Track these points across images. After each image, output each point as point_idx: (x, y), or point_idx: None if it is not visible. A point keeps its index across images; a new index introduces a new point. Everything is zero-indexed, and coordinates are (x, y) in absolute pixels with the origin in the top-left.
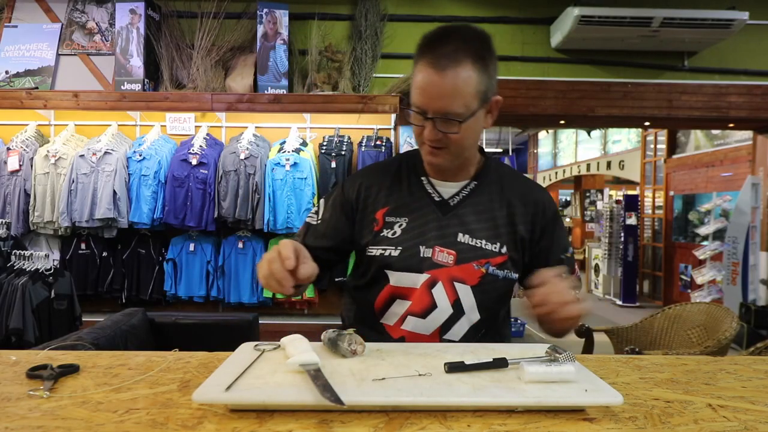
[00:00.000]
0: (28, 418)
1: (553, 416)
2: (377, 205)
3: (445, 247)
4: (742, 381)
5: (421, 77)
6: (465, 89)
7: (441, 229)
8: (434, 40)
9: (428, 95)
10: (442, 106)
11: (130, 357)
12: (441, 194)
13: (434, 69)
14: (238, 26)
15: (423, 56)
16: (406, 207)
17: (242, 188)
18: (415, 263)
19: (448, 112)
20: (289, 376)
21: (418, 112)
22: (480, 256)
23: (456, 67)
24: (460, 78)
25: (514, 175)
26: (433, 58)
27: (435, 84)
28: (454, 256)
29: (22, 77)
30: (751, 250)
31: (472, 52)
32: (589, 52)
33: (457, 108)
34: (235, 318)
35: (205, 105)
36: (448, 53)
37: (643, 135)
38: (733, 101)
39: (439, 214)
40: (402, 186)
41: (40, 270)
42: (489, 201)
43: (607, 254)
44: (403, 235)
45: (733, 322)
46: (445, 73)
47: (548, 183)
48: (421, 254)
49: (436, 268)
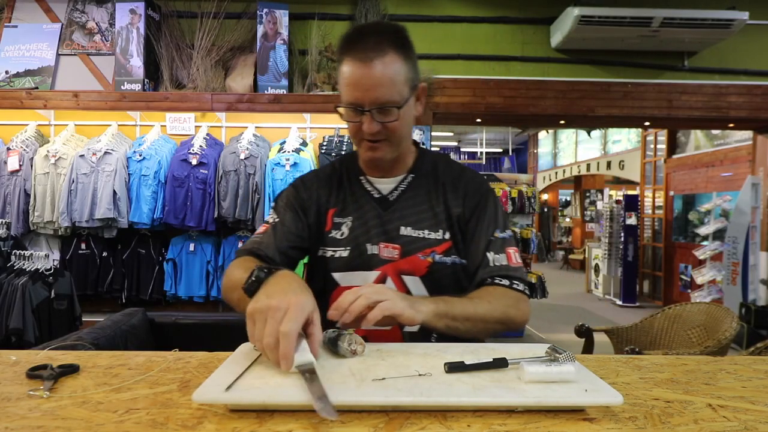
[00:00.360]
0: (28, 418)
1: (553, 416)
2: (328, 206)
3: (389, 241)
4: (742, 381)
5: (350, 73)
6: (395, 77)
7: (383, 225)
8: (352, 38)
9: (362, 88)
10: (378, 96)
11: (130, 357)
12: (380, 191)
13: (362, 62)
14: (238, 26)
15: (346, 54)
16: (350, 207)
17: (242, 188)
18: (363, 261)
19: (384, 101)
20: (290, 376)
21: (354, 108)
22: (424, 246)
23: (383, 57)
24: (389, 67)
25: (447, 163)
26: (357, 52)
27: (366, 76)
28: (398, 250)
29: (22, 77)
30: (751, 250)
31: (393, 42)
32: (589, 52)
33: (392, 96)
34: (235, 318)
35: (205, 105)
36: (371, 46)
37: (643, 135)
38: (733, 101)
39: (380, 211)
40: (344, 187)
41: (40, 270)
42: (426, 191)
43: (607, 254)
44: (350, 235)
45: (733, 322)
46: (374, 63)
47: (548, 183)
48: (368, 252)
49: (384, 263)
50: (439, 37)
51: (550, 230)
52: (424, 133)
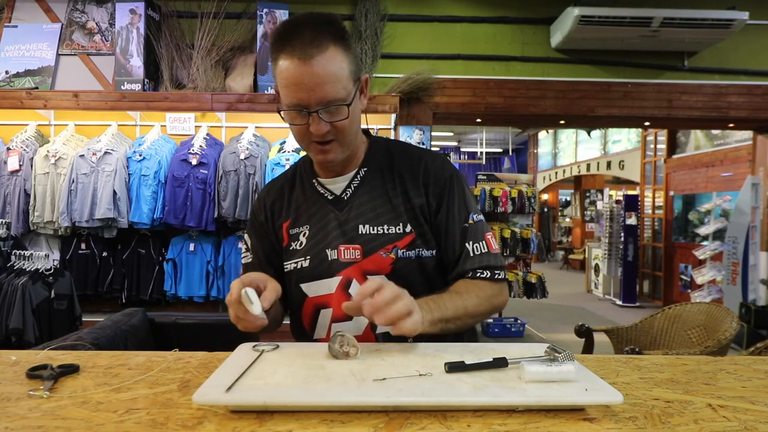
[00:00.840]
0: (28, 418)
1: (553, 416)
2: (281, 220)
3: (349, 243)
4: (742, 381)
5: (290, 72)
6: (339, 72)
7: (341, 227)
8: (286, 33)
9: (305, 88)
10: (323, 95)
11: (130, 357)
12: (332, 191)
13: (301, 60)
14: (238, 26)
15: (282, 51)
16: (305, 214)
17: (242, 188)
18: (325, 268)
19: (331, 99)
20: (290, 376)
21: (299, 109)
22: (385, 243)
23: (323, 53)
24: (331, 62)
25: (403, 148)
26: (294, 49)
27: (308, 74)
28: (360, 250)
29: (22, 77)
30: (751, 250)
31: (331, 35)
32: (589, 52)
33: (338, 93)
34: None
35: (205, 105)
36: (308, 41)
37: (643, 135)
38: (733, 101)
39: (336, 212)
40: (298, 194)
41: (40, 270)
42: (381, 184)
43: (607, 254)
44: (307, 244)
45: (733, 322)
46: (314, 60)
47: (548, 183)
48: (329, 258)
49: (346, 267)
50: (439, 37)
51: (550, 230)
52: (424, 133)
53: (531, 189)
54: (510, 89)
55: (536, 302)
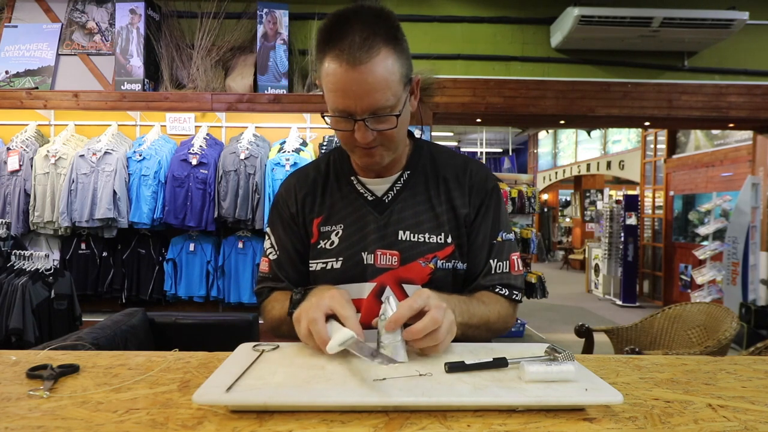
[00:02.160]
0: (28, 418)
1: (553, 416)
2: (312, 215)
3: (387, 248)
4: (742, 381)
5: (337, 77)
6: (390, 77)
7: (380, 231)
8: (335, 31)
9: (352, 95)
10: (371, 103)
11: (130, 357)
12: (374, 192)
13: (349, 64)
14: (238, 26)
15: (329, 52)
16: (340, 213)
17: (242, 188)
18: (358, 272)
19: (379, 108)
20: (290, 376)
21: (344, 116)
22: (425, 252)
23: (374, 57)
24: (381, 67)
25: (448, 153)
26: (342, 52)
27: (357, 81)
28: (397, 257)
29: (22, 77)
30: (751, 250)
31: (383, 34)
32: (589, 52)
33: (387, 101)
34: (235, 318)
35: (205, 105)
36: (358, 43)
37: (643, 135)
38: (733, 101)
39: (375, 215)
40: (333, 190)
41: (40, 270)
42: (425, 189)
43: (607, 254)
44: (341, 244)
45: (733, 322)
46: (364, 66)
47: (548, 183)
48: (365, 261)
49: (381, 273)
50: (439, 37)
51: (550, 230)
52: (423, 133)
53: (531, 189)
54: (510, 89)
55: (536, 302)
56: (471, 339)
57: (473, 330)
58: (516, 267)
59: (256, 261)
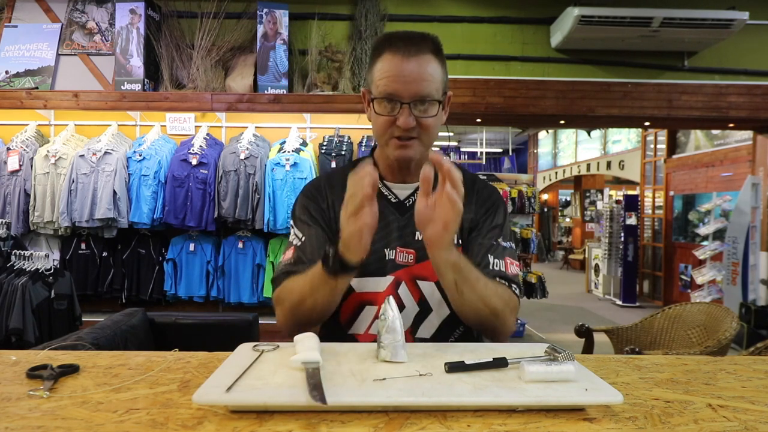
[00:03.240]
0: (28, 418)
1: (553, 416)
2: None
3: (405, 247)
4: (742, 381)
5: (392, 65)
6: (435, 74)
7: (400, 230)
8: (394, 36)
9: (403, 80)
10: (418, 89)
11: (130, 357)
12: (397, 196)
13: (403, 56)
14: (238, 26)
15: (386, 50)
16: None
17: (242, 188)
18: (380, 266)
19: (425, 94)
20: (290, 376)
21: (392, 99)
22: None
23: (424, 54)
24: (429, 64)
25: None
26: (399, 49)
27: (408, 69)
28: (413, 255)
29: (22, 77)
30: (751, 250)
31: (431, 45)
32: (589, 52)
33: (431, 91)
34: (235, 318)
35: (205, 105)
36: (412, 44)
37: (643, 135)
38: (733, 101)
39: (397, 215)
40: None
41: (40, 270)
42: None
43: (607, 254)
44: None
45: (733, 322)
46: (416, 58)
47: (548, 183)
48: (386, 257)
49: (399, 269)
50: (439, 37)
51: (550, 230)
52: None
53: (531, 189)
54: (510, 89)
55: (536, 302)
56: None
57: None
58: (510, 269)
59: (256, 261)
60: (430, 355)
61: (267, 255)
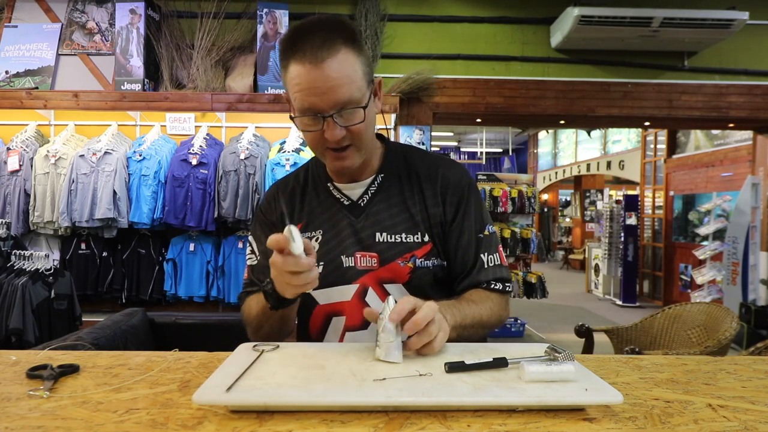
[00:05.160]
0: (28, 418)
1: (553, 416)
2: (293, 222)
3: (366, 250)
4: (742, 381)
5: (302, 77)
6: (353, 74)
7: (357, 234)
8: (296, 38)
9: (318, 92)
10: (337, 98)
11: (130, 357)
12: (349, 197)
13: (312, 63)
14: (238, 26)
15: (292, 57)
16: (319, 218)
17: (242, 188)
18: (340, 275)
19: (345, 102)
20: (290, 376)
21: (313, 114)
22: (403, 251)
23: (335, 55)
24: (344, 64)
25: (420, 155)
26: (305, 53)
27: (320, 78)
28: (377, 258)
29: (22, 77)
30: (751, 250)
31: (343, 37)
32: (589, 52)
33: (353, 95)
34: (235, 318)
35: (205, 105)
36: (318, 44)
37: (643, 135)
38: (733, 101)
39: (351, 219)
40: (311, 197)
41: (40, 270)
42: (399, 191)
43: (607, 254)
44: (321, 249)
45: (733, 322)
46: (326, 63)
47: (548, 183)
48: (344, 264)
49: (362, 275)
50: (439, 37)
51: (550, 230)
52: (424, 133)
53: (531, 189)
54: (510, 89)
55: (536, 302)
56: (466, 339)
57: (468, 331)
58: (504, 259)
59: None
60: (430, 355)
61: None
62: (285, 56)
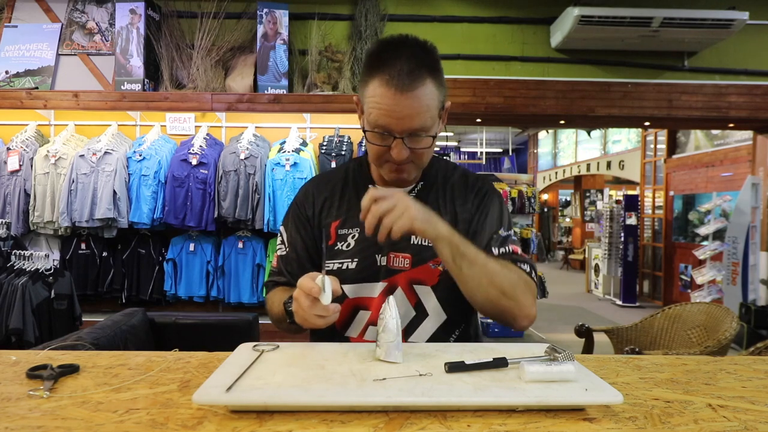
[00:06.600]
0: (28, 418)
1: (553, 416)
2: (330, 218)
3: (400, 251)
4: (742, 381)
5: (386, 100)
6: (431, 104)
7: None
8: (385, 57)
9: (396, 116)
10: (412, 125)
11: (130, 357)
12: None
13: (397, 89)
14: (238, 26)
15: (378, 74)
16: (357, 217)
17: (242, 188)
18: (372, 273)
19: (419, 128)
20: (290, 376)
21: (384, 132)
22: (434, 255)
23: (420, 86)
24: (425, 96)
25: (456, 168)
26: (392, 77)
27: (402, 105)
28: (409, 259)
29: (22, 77)
30: (751, 250)
31: (428, 66)
32: (589, 52)
33: (425, 123)
34: (235, 318)
35: (205, 105)
36: (407, 72)
37: (643, 135)
38: (733, 101)
39: None
40: (351, 196)
41: (40, 270)
42: (435, 199)
43: (607, 254)
44: (356, 246)
45: (733, 322)
46: (411, 93)
47: (548, 183)
48: (378, 263)
49: (394, 274)
50: (439, 37)
51: (550, 230)
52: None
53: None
54: (510, 89)
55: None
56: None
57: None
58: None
59: (256, 261)
60: (430, 355)
61: (267, 255)
62: (370, 72)
